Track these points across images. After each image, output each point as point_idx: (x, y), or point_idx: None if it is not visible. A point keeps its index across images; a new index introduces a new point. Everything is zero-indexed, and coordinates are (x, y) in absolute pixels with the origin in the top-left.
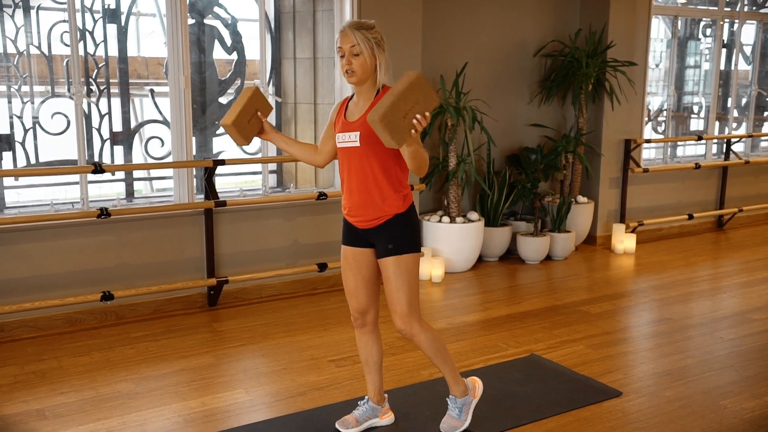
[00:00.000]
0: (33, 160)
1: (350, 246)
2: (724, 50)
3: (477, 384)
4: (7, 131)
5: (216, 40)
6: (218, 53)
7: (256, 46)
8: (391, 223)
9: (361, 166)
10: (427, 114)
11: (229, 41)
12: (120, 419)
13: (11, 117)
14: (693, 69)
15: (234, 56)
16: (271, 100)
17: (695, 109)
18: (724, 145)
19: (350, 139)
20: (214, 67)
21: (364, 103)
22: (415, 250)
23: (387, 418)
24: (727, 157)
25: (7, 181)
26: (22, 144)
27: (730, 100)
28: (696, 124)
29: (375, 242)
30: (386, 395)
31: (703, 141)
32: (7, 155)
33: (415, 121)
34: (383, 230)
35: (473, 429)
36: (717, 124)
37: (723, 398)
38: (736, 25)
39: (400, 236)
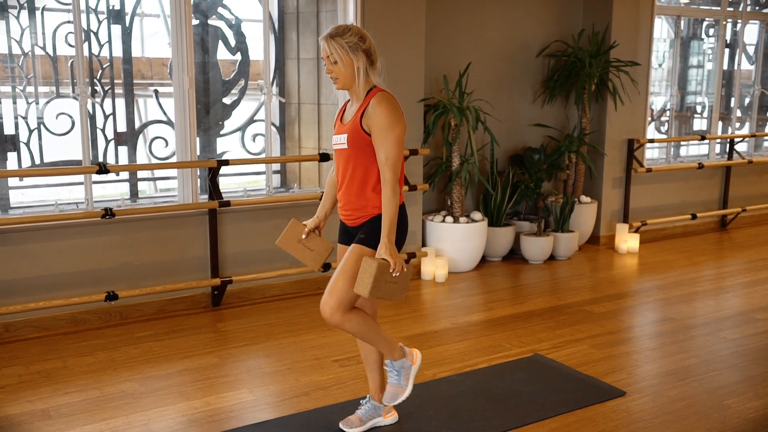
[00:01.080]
0: (38, 161)
1: (343, 244)
2: (727, 50)
3: (415, 352)
4: (12, 132)
5: (220, 41)
6: (222, 54)
7: (259, 47)
8: (373, 220)
9: (349, 166)
10: (392, 270)
11: (233, 42)
12: (124, 419)
13: (16, 117)
14: (696, 69)
15: (238, 57)
16: (275, 101)
17: (698, 108)
18: (727, 145)
19: (340, 141)
20: (218, 67)
21: (356, 106)
22: None
23: (390, 417)
24: (730, 157)
25: (12, 181)
26: (27, 144)
27: (733, 99)
28: (699, 124)
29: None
30: None
31: (706, 141)
32: (11, 156)
33: (396, 273)
34: (365, 226)
35: (478, 429)
36: (720, 123)
37: (727, 398)
38: (739, 25)
39: (376, 233)
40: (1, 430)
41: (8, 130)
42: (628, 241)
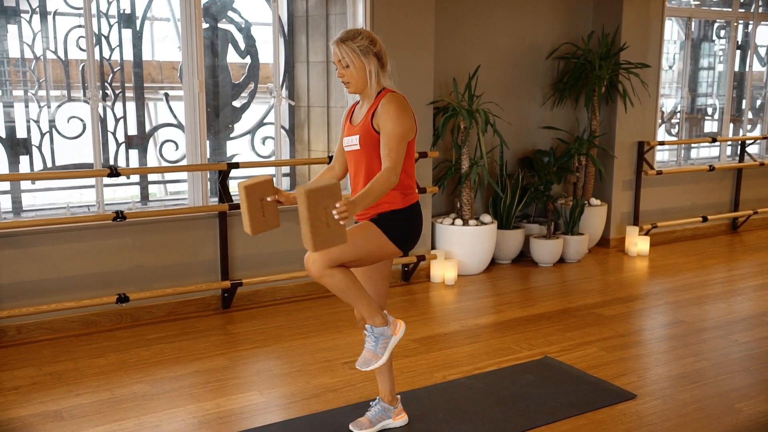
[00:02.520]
0: (49, 164)
1: None
2: (738, 52)
3: (399, 323)
4: (24, 135)
5: (230, 44)
6: (232, 57)
7: (269, 50)
8: (386, 213)
9: (362, 167)
10: (338, 204)
11: (242, 45)
12: (136, 420)
13: (28, 121)
14: (707, 71)
15: (247, 60)
16: (284, 104)
17: (709, 111)
18: (739, 147)
19: (353, 143)
20: (228, 70)
21: (366, 107)
22: (393, 239)
23: (400, 419)
24: (741, 159)
25: (24, 184)
26: (39, 148)
27: (744, 101)
28: (710, 126)
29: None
30: (399, 396)
31: (717, 143)
32: (24, 159)
33: (337, 217)
34: (378, 216)
35: (487, 431)
36: (731, 126)
37: (738, 401)
38: (750, 27)
39: (389, 222)
40: (14, 431)
41: (20, 133)
42: (638, 243)
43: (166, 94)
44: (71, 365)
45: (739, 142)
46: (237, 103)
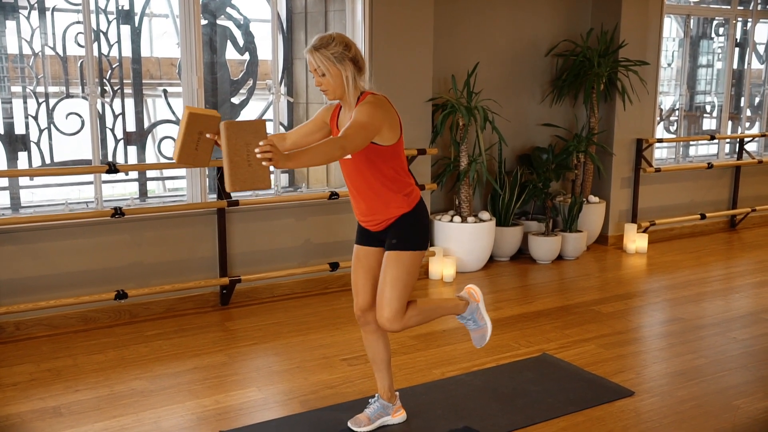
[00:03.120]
0: (48, 160)
1: (363, 245)
2: (737, 49)
3: (471, 290)
4: (23, 131)
5: (228, 41)
6: (230, 54)
7: (268, 47)
8: (398, 222)
9: (358, 176)
10: (262, 143)
11: (241, 42)
12: (134, 416)
13: (26, 117)
14: (705, 68)
15: (246, 57)
16: (283, 100)
17: (708, 108)
18: (737, 145)
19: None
20: (227, 67)
21: (349, 113)
22: (418, 248)
23: (399, 416)
24: (740, 157)
25: (23, 180)
26: (37, 144)
27: (743, 99)
28: (708, 124)
29: (384, 240)
30: (398, 393)
31: (716, 140)
32: (22, 155)
33: (259, 156)
34: (391, 228)
35: (486, 428)
36: (729, 123)
37: (736, 398)
38: (749, 24)
39: (405, 234)
40: (13, 427)
41: (19, 129)
42: (636, 241)
43: (165, 91)
44: (70, 361)
45: (738, 139)
46: (236, 100)
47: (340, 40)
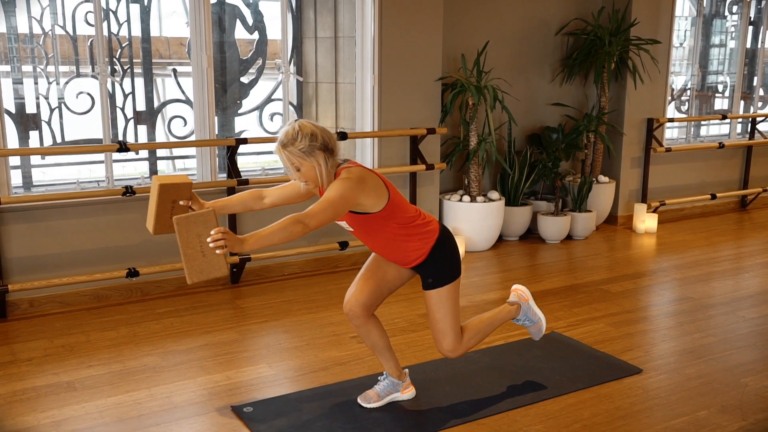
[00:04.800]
0: (59, 139)
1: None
2: (750, 28)
3: (518, 291)
4: (34, 111)
5: (237, 20)
6: (240, 33)
7: (277, 26)
8: (427, 261)
9: (366, 238)
10: (213, 231)
11: (250, 21)
12: (147, 391)
13: (37, 97)
14: (718, 48)
15: (255, 36)
16: (292, 80)
17: (720, 88)
18: (749, 125)
19: (347, 228)
20: (236, 46)
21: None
22: (454, 279)
23: (408, 393)
24: (752, 137)
25: (34, 159)
26: (48, 123)
27: (756, 78)
28: (720, 104)
29: (416, 271)
30: (407, 370)
31: (728, 120)
32: (33, 134)
33: (212, 245)
34: (422, 269)
35: (494, 404)
36: (742, 103)
37: (744, 376)
38: (763, 2)
39: (436, 270)
40: (29, 401)
41: (30, 109)
42: (646, 221)
43: (174, 70)
44: (83, 338)
45: (750, 119)
46: (245, 79)
47: (306, 132)
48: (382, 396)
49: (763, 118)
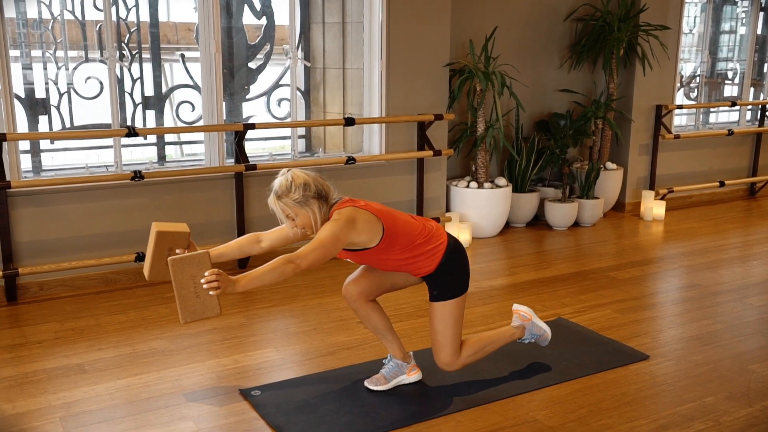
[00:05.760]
0: (68, 124)
1: None
2: (761, 14)
3: (520, 313)
4: (43, 95)
5: (245, 5)
6: (248, 18)
7: (285, 11)
8: (434, 274)
9: (379, 270)
10: (206, 274)
11: (258, 6)
12: (156, 374)
13: (47, 82)
14: (728, 34)
15: (263, 21)
16: (300, 65)
17: (729, 74)
18: (759, 112)
19: (351, 262)
20: (244, 32)
21: None
22: (460, 294)
23: (414, 375)
24: (761, 124)
25: (43, 144)
26: (57, 108)
27: (766, 65)
28: (729, 91)
29: (424, 280)
30: (411, 354)
31: (737, 107)
32: (43, 119)
33: (206, 287)
34: (428, 280)
35: (501, 389)
36: (752, 90)
37: (751, 363)
38: None
39: (444, 283)
40: (40, 383)
41: (39, 93)
42: (653, 208)
43: (183, 55)
44: (92, 321)
45: (760, 106)
46: (253, 65)
47: (299, 182)
48: (389, 379)
49: None
